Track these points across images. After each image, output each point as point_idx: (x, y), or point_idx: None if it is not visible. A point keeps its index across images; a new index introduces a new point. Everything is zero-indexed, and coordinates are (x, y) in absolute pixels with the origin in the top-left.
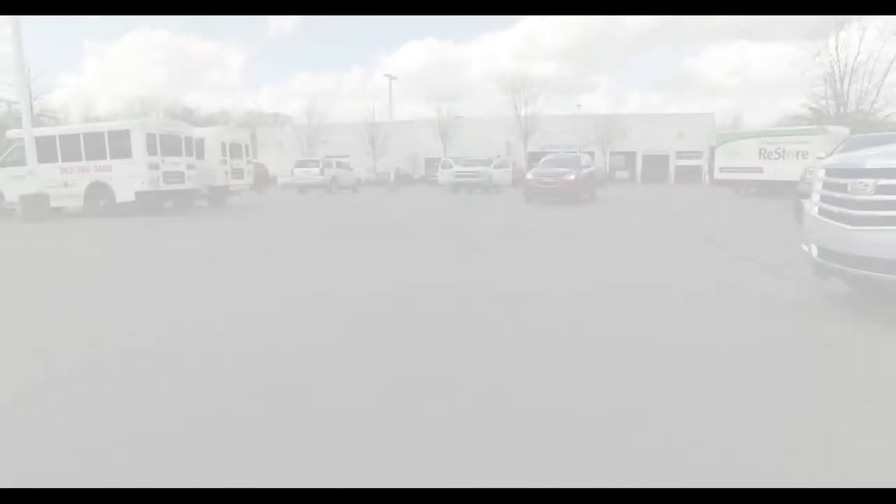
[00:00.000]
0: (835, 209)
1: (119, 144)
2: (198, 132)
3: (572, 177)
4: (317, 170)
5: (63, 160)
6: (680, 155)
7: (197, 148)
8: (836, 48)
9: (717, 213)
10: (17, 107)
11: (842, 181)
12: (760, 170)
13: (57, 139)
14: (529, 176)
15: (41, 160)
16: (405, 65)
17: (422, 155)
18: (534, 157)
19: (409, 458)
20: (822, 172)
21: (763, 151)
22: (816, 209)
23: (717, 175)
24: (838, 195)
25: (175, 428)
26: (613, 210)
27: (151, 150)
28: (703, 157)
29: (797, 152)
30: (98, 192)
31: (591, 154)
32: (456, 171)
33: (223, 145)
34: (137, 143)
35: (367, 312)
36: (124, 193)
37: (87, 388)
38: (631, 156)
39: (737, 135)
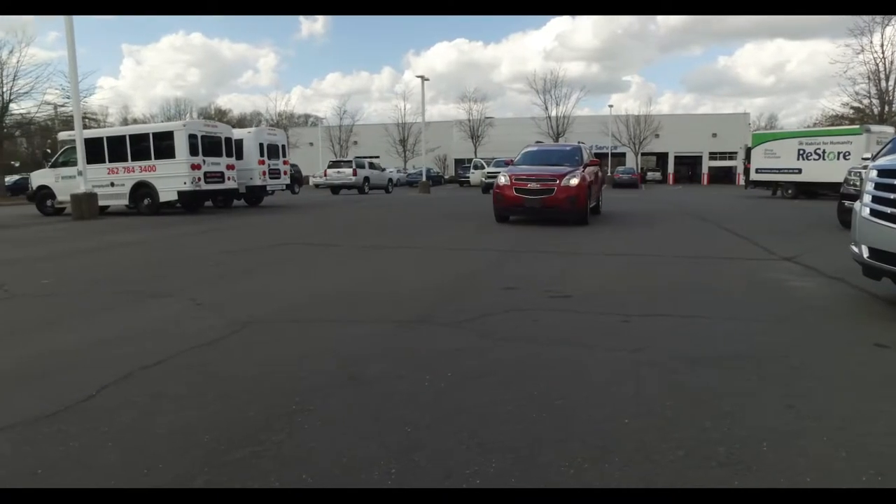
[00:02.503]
0: (888, 210)
1: (163, 145)
2: (237, 133)
3: (575, 181)
4: (350, 170)
5: (110, 161)
6: (713, 156)
7: (236, 148)
8: (882, 45)
9: (759, 214)
10: (63, 110)
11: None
12: (799, 171)
13: (104, 141)
14: (502, 179)
15: (89, 161)
16: (435, 65)
17: (452, 156)
18: None
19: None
20: (873, 173)
21: (802, 152)
22: (867, 210)
23: (753, 176)
24: (892, 196)
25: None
26: (645, 232)
27: (193, 150)
28: (738, 157)
29: (838, 153)
30: (143, 191)
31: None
32: (487, 171)
33: (261, 146)
34: (180, 144)
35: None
36: (167, 193)
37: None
38: (663, 156)
39: (774, 135)
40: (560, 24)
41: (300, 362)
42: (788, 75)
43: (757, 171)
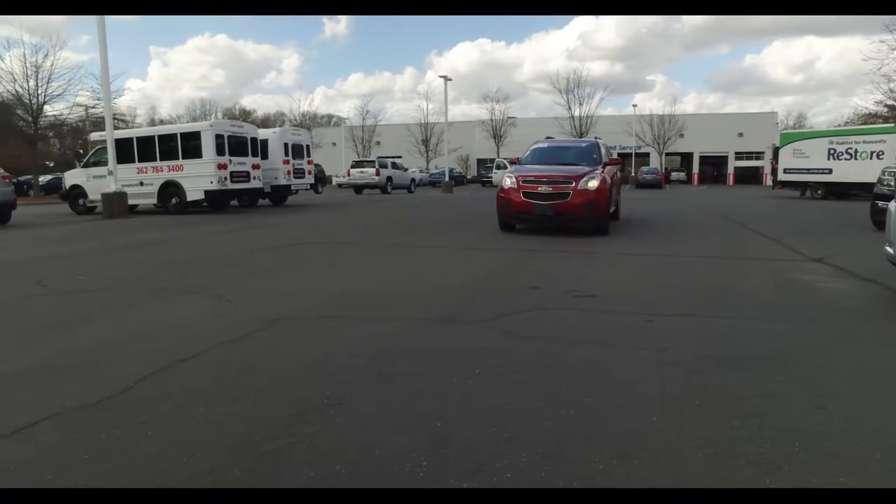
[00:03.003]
0: None
1: (190, 145)
2: (262, 133)
3: (594, 183)
4: (373, 170)
5: (139, 161)
6: (739, 156)
7: (261, 148)
8: None
9: (787, 215)
10: (94, 111)
11: None
12: (829, 171)
13: (134, 141)
14: (507, 182)
15: (119, 161)
16: (457, 65)
17: (474, 156)
18: None
19: None
20: None
21: (833, 151)
22: None
23: (781, 176)
24: None
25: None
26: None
27: (220, 150)
28: (765, 157)
29: (871, 152)
30: (170, 190)
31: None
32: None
33: (285, 146)
34: (207, 144)
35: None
36: (194, 192)
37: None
38: (687, 156)
39: (803, 134)
40: (583, 24)
41: (328, 358)
42: (818, 73)
43: (785, 171)
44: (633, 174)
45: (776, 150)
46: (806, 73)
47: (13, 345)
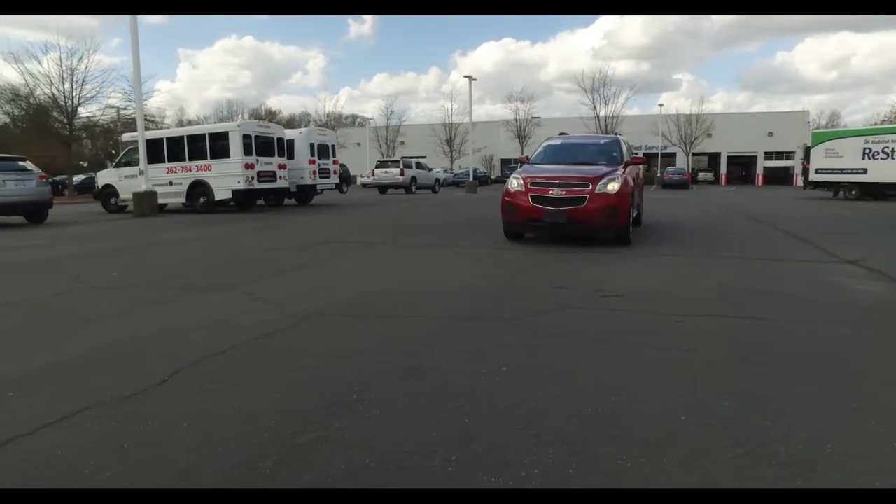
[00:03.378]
0: None
1: (218, 145)
2: (288, 133)
3: (615, 185)
4: (397, 170)
5: (169, 161)
6: (769, 155)
7: (287, 148)
8: None
9: (819, 216)
10: (125, 112)
11: None
12: (864, 171)
13: (164, 141)
14: (514, 183)
15: (150, 161)
16: (482, 65)
17: (498, 156)
18: None
19: None
20: None
21: (868, 151)
22: None
23: (812, 176)
24: None
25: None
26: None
27: (247, 150)
28: (796, 157)
29: None
30: (199, 190)
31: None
32: None
33: (311, 146)
34: (235, 145)
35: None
36: (222, 191)
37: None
38: (715, 156)
39: (836, 133)
40: (609, 23)
41: (357, 355)
42: (853, 70)
43: (817, 171)
44: (658, 174)
45: (807, 150)
46: (840, 71)
47: (53, 338)
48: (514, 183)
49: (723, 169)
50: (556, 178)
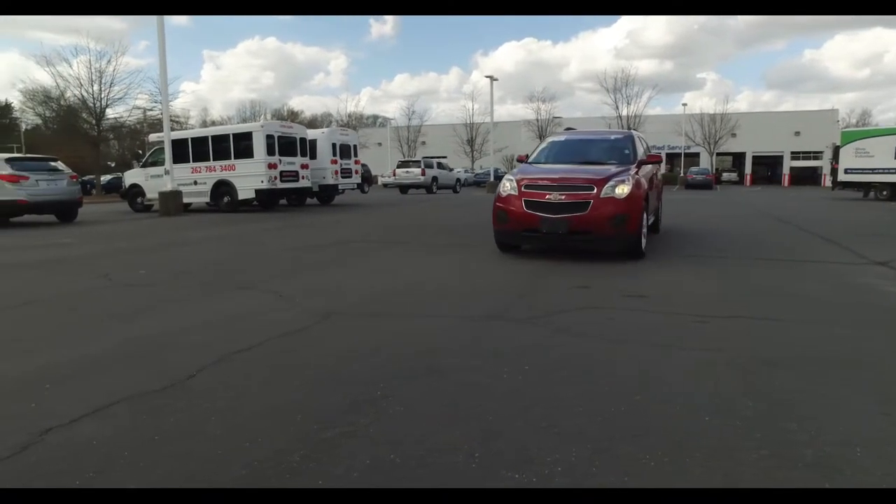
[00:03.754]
0: None
1: (242, 146)
2: (311, 133)
3: (624, 189)
4: (418, 170)
5: (194, 161)
6: (795, 155)
7: (310, 148)
8: None
9: (848, 217)
10: (151, 113)
11: None
12: None
13: (189, 141)
14: (507, 186)
15: (175, 161)
16: (503, 65)
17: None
18: None
19: None
20: None
21: None
22: None
23: (841, 177)
24: None
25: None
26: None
27: (270, 150)
28: (824, 157)
29: None
30: (223, 189)
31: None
32: None
33: (333, 146)
34: (258, 145)
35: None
36: (245, 191)
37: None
38: (739, 156)
39: (867, 132)
40: (631, 22)
41: (380, 352)
42: (887, 67)
43: (846, 171)
44: (681, 175)
45: (836, 150)
46: (872, 68)
47: (85, 333)
48: (507, 186)
49: (748, 169)
50: (555, 180)
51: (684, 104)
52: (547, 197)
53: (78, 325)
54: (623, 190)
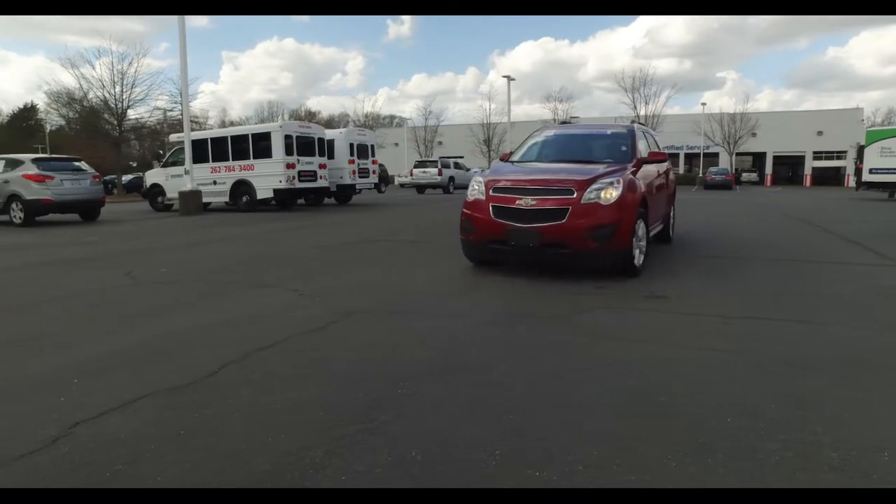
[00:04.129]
0: None
1: (261, 146)
2: (329, 133)
3: (612, 193)
4: (435, 170)
5: (213, 160)
6: (818, 155)
7: (328, 148)
8: None
9: (872, 218)
10: (171, 114)
11: None
12: None
13: (209, 142)
14: (474, 189)
15: (195, 161)
16: (520, 65)
17: None
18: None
19: None
20: None
21: None
22: None
23: (866, 177)
24: None
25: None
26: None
27: (289, 150)
28: (848, 157)
29: None
30: (242, 189)
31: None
32: None
33: (351, 146)
34: (277, 145)
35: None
36: (264, 191)
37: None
38: (760, 156)
39: (893, 132)
40: (650, 21)
41: (401, 350)
42: None
43: (871, 171)
44: (700, 175)
45: (861, 149)
46: None
47: (110, 329)
48: (474, 189)
49: (768, 169)
50: (528, 182)
51: (703, 103)
52: (517, 202)
53: (103, 321)
54: (610, 194)
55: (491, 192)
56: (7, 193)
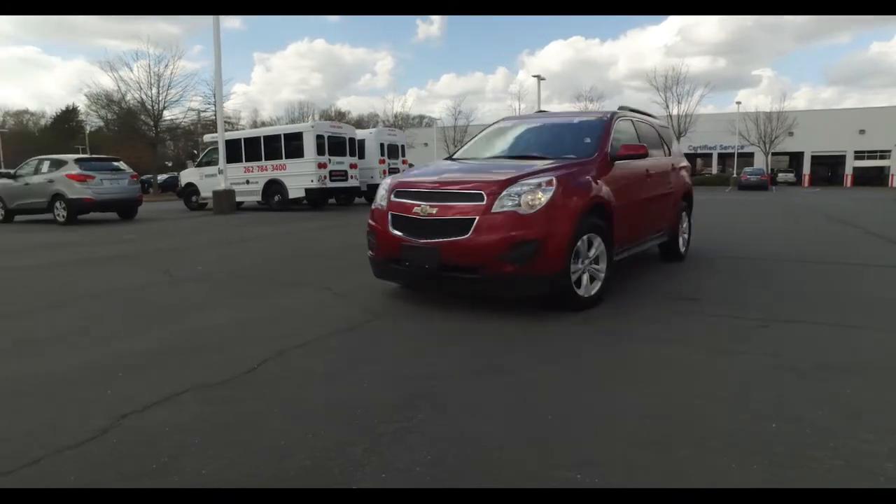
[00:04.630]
0: None
1: (293, 146)
2: (359, 133)
3: (538, 198)
4: None
5: (246, 160)
6: (859, 155)
7: (358, 148)
8: None
9: None
10: (204, 115)
11: None
12: None
13: (242, 142)
14: (380, 193)
15: (228, 161)
16: (549, 64)
17: None
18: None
19: None
20: None
21: None
22: None
23: None
24: None
25: None
26: None
27: (320, 150)
28: (892, 156)
29: None
30: (274, 188)
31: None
32: None
33: (381, 146)
34: (308, 145)
35: None
36: (296, 190)
37: None
38: (797, 156)
39: None
40: (683, 19)
41: (436, 349)
42: None
43: None
44: (734, 175)
45: None
46: None
47: (148, 325)
48: (380, 193)
49: (806, 169)
50: (431, 183)
51: (738, 102)
52: (414, 210)
53: (142, 317)
54: (533, 200)
55: (392, 196)
56: (51, 193)
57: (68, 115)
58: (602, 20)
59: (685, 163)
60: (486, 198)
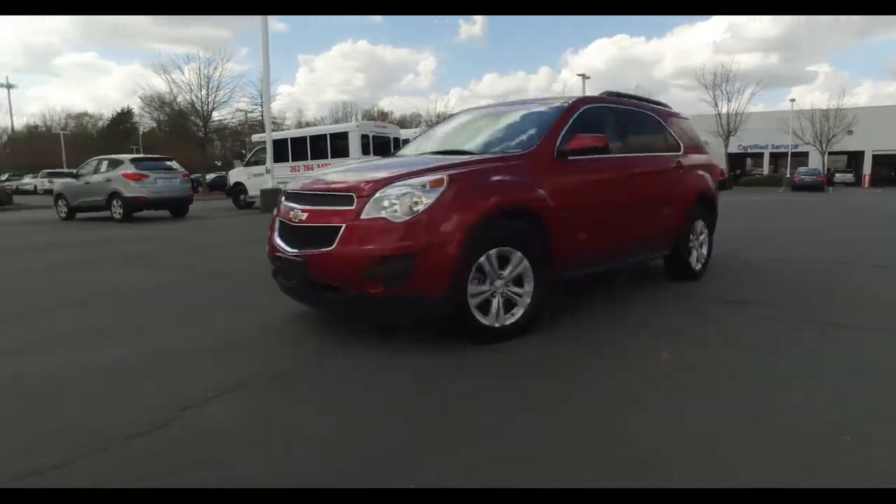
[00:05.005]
0: None
1: (338, 145)
2: (403, 133)
3: (418, 202)
4: None
5: (293, 160)
6: None
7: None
8: None
9: None
10: (251, 115)
11: None
12: None
13: (288, 141)
14: (283, 200)
15: (275, 160)
16: (593, 63)
17: None
18: (736, 161)
19: None
20: None
21: None
22: None
23: None
24: None
25: None
26: None
27: (365, 150)
28: None
29: None
30: None
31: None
32: None
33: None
34: (354, 144)
35: None
36: None
37: None
38: (856, 156)
39: None
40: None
41: (470, 354)
42: None
43: None
44: (787, 175)
45: None
46: None
47: (198, 319)
48: (283, 200)
49: (866, 169)
50: (313, 184)
51: (792, 100)
52: (290, 214)
53: (193, 311)
54: (410, 204)
55: (283, 199)
56: (109, 191)
57: (123, 117)
58: (647, 18)
59: (704, 160)
60: (355, 201)
